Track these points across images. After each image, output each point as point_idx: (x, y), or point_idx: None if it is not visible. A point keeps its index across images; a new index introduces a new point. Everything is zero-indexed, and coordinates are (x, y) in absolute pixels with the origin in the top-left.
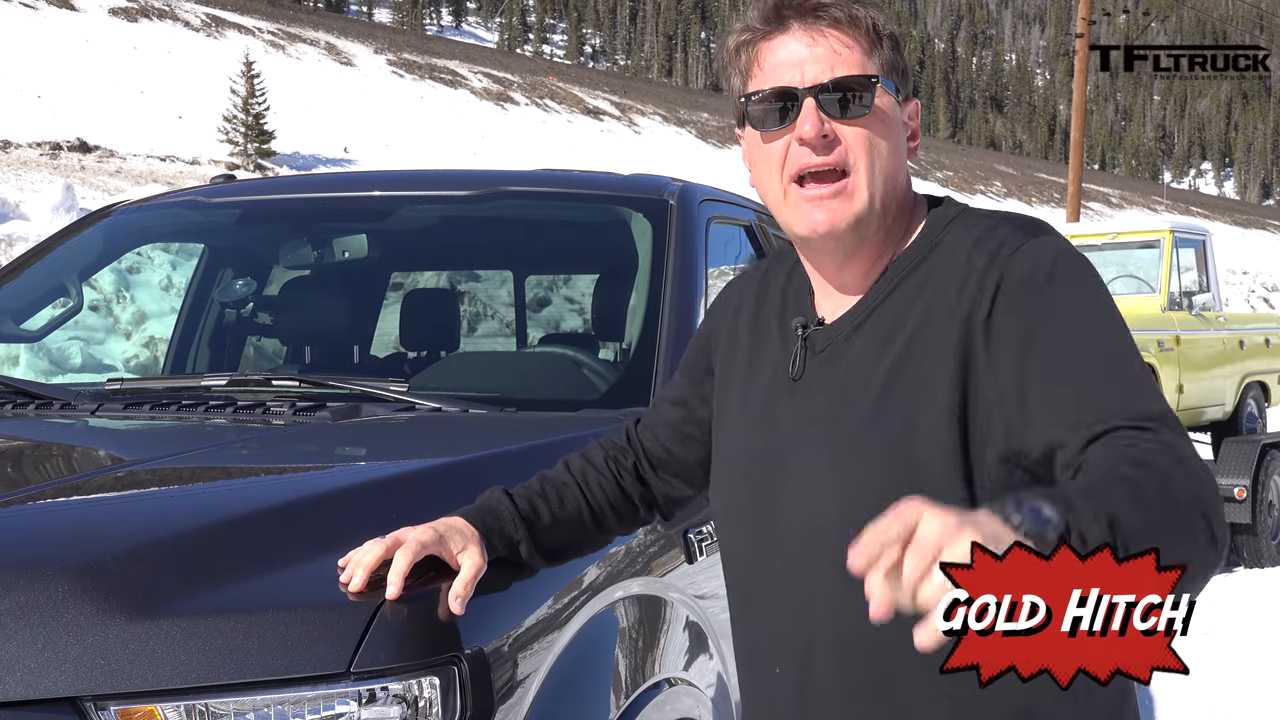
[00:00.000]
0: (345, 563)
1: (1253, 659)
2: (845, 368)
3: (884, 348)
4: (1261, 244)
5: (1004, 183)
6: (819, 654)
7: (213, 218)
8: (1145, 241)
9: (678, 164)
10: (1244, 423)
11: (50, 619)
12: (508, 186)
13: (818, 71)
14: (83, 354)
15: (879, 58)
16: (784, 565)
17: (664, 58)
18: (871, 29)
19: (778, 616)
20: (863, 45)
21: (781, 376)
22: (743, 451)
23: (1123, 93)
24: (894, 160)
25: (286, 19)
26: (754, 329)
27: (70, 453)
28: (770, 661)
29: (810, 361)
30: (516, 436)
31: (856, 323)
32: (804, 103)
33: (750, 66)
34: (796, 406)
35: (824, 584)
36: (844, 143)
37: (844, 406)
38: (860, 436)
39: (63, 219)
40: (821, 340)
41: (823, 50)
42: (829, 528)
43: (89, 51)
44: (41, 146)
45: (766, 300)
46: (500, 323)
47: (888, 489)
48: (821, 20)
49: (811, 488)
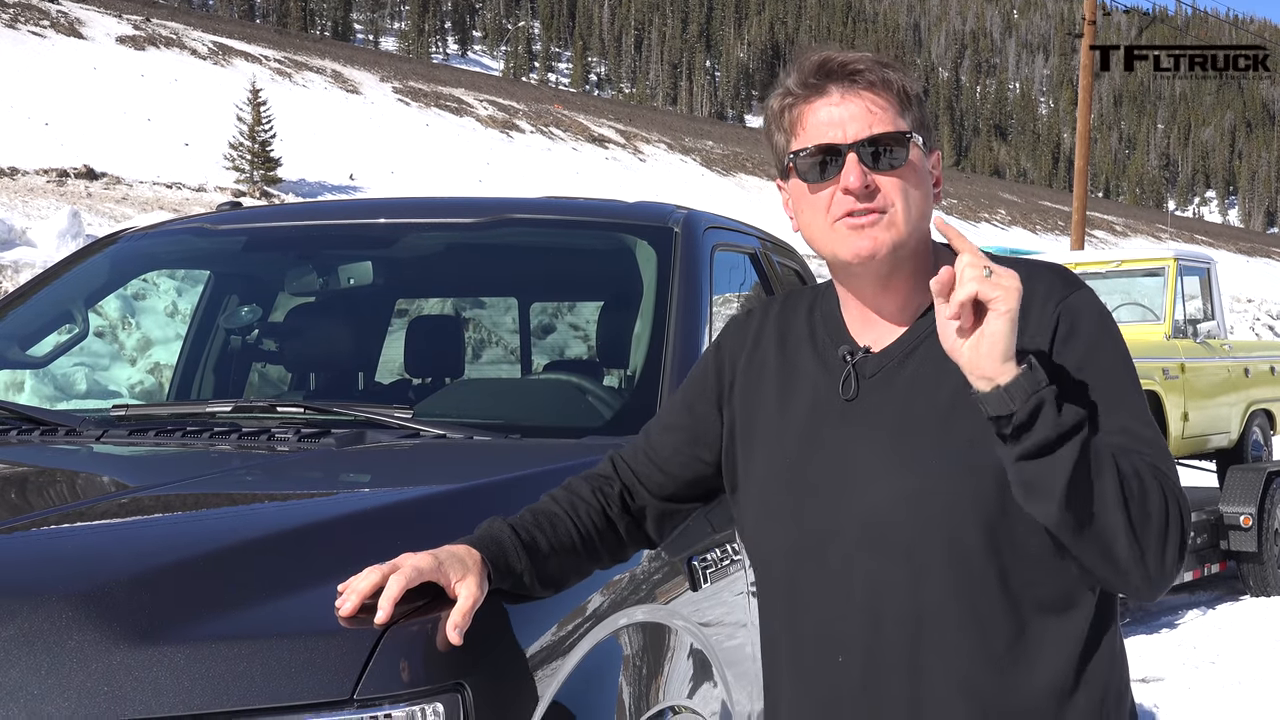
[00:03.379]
0: (344, 588)
1: (1259, 686)
2: (904, 389)
3: (945, 371)
4: (1266, 272)
5: (1008, 210)
6: (886, 640)
7: (218, 244)
8: (1150, 269)
9: (682, 191)
10: (1249, 450)
11: (54, 645)
12: (513, 214)
13: (857, 129)
14: (88, 380)
15: (909, 116)
16: (842, 564)
17: (669, 86)
18: (901, 90)
19: (835, 612)
20: (895, 105)
21: (829, 399)
22: (784, 465)
23: (1126, 120)
24: (924, 203)
25: (293, 47)
26: (782, 356)
27: (75, 479)
28: (829, 653)
29: (864, 385)
30: (521, 463)
31: (908, 349)
32: (847, 157)
33: (794, 126)
34: (851, 424)
35: (889, 576)
36: (882, 190)
37: (908, 422)
38: (927, 447)
39: (69, 245)
40: (872, 366)
41: (860, 110)
42: (896, 527)
43: (96, 79)
44: (48, 173)
45: (791, 332)
46: (505, 349)
47: (952, 491)
48: (857, 84)
49: (876, 494)
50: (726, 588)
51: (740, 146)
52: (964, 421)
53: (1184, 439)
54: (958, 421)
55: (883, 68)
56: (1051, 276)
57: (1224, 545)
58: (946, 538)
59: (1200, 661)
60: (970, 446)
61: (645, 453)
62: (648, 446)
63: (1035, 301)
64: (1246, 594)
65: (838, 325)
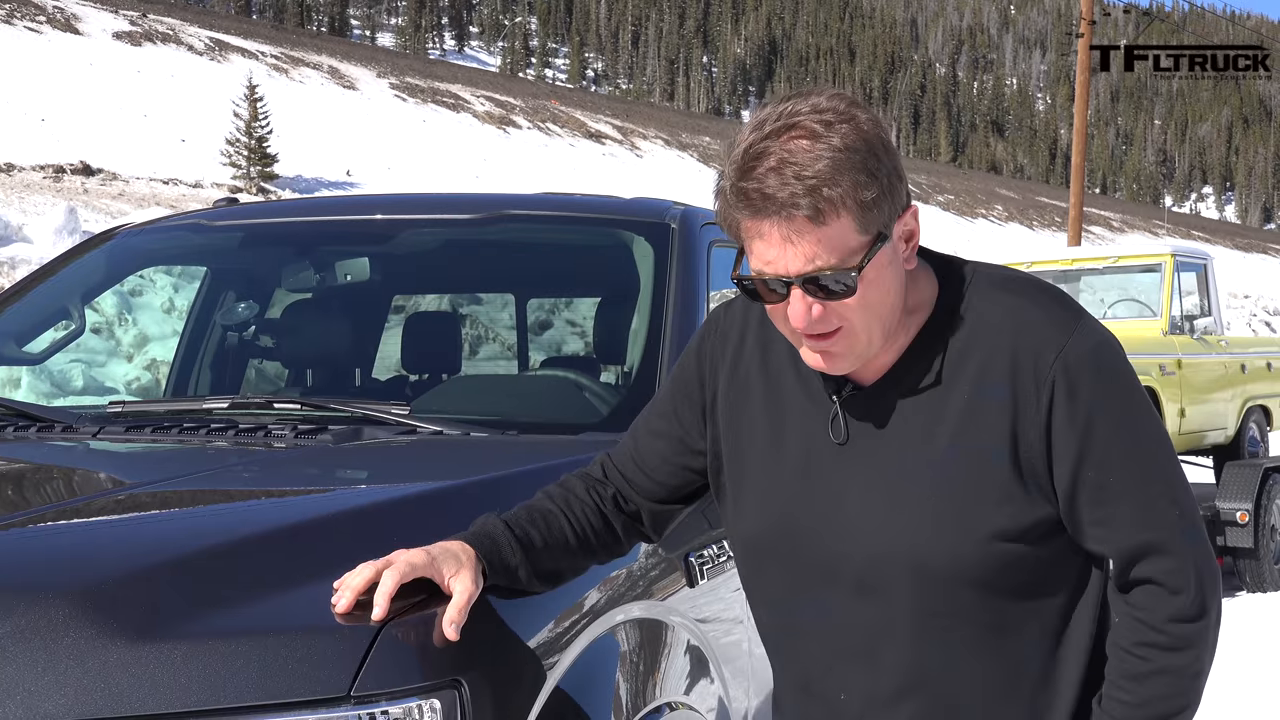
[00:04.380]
0: (339, 585)
1: (1255, 683)
2: (898, 431)
3: (937, 419)
4: (1263, 268)
5: (1005, 206)
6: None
7: (215, 241)
8: (1147, 265)
9: (680, 188)
10: (1246, 446)
11: (51, 642)
12: (510, 210)
13: (800, 264)
14: (84, 376)
15: (859, 221)
16: (840, 611)
17: (666, 82)
18: (842, 204)
19: (834, 649)
20: (842, 224)
21: (820, 440)
22: (779, 507)
23: (1123, 116)
24: (889, 300)
25: (290, 43)
26: (766, 382)
27: (71, 475)
28: (830, 691)
29: (854, 427)
30: (518, 460)
31: (897, 387)
32: (792, 291)
33: (738, 233)
34: (845, 469)
35: (887, 622)
36: (836, 312)
37: (903, 469)
38: (923, 497)
39: (65, 242)
40: (860, 407)
41: (798, 245)
42: (895, 577)
43: (92, 75)
44: (45, 169)
45: (772, 353)
46: (502, 346)
47: (951, 540)
48: (791, 216)
49: (874, 543)
50: (724, 584)
51: None
52: (955, 476)
53: (1180, 435)
54: (949, 477)
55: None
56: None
57: (1220, 541)
58: (942, 595)
59: None
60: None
61: (634, 459)
62: (635, 453)
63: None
64: (1243, 590)
65: None
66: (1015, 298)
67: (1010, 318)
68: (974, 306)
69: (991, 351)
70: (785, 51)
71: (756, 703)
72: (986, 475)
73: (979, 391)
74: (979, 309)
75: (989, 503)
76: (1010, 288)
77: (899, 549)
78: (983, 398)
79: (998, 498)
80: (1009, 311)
